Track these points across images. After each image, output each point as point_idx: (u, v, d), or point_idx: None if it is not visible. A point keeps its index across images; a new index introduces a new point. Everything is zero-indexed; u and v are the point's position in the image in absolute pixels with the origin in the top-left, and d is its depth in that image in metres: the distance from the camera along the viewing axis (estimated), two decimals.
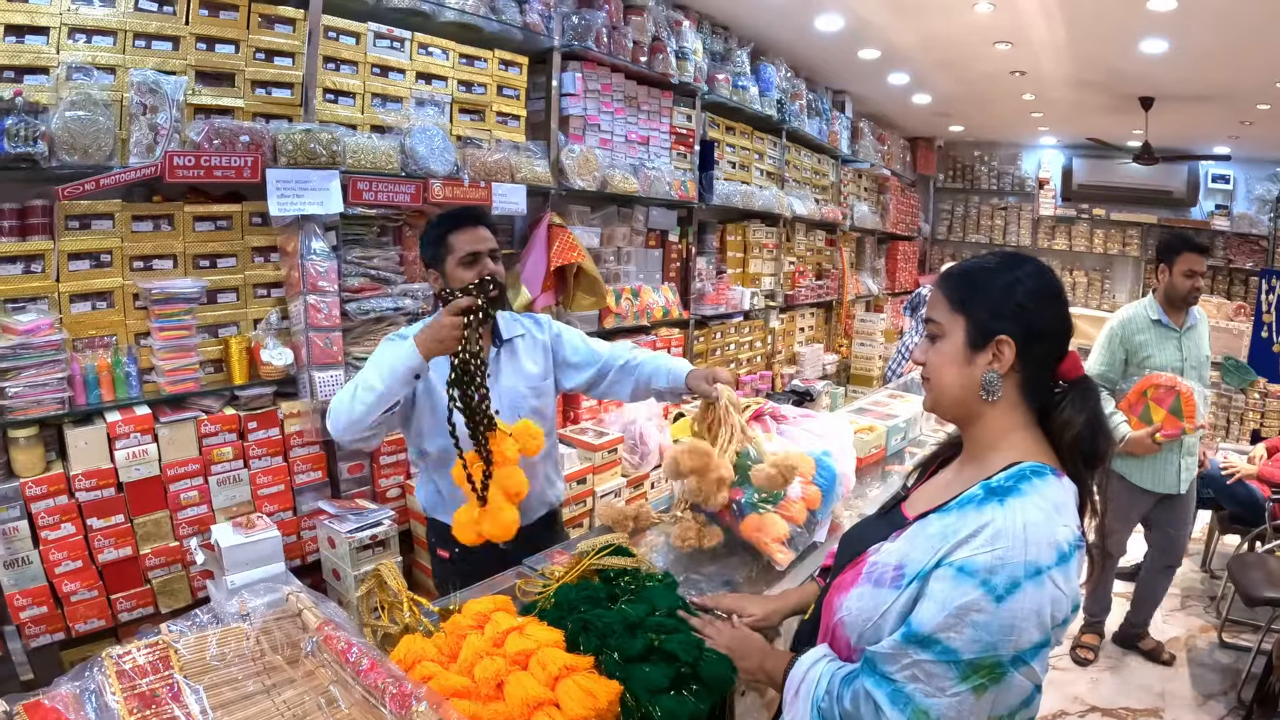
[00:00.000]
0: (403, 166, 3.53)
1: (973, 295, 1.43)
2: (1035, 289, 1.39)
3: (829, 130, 7.70)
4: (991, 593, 1.20)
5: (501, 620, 1.74)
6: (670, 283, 5.61)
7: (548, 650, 1.63)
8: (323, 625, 1.58)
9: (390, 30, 3.61)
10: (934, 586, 1.27)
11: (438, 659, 1.66)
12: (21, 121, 2.51)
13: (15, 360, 2.59)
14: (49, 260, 2.71)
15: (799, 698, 1.44)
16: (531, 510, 2.66)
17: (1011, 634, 1.20)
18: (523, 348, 2.72)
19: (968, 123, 10.03)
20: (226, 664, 1.52)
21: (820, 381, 7.22)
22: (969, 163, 11.73)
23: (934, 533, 1.32)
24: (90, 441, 2.78)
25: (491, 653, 1.63)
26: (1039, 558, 1.21)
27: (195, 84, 3.02)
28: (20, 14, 2.64)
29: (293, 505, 3.29)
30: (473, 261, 2.51)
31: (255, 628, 1.61)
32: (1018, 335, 1.37)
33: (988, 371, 1.39)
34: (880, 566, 1.38)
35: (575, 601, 1.84)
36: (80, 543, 2.75)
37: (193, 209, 3.04)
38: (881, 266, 10.04)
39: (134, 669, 1.44)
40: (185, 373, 2.98)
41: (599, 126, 4.71)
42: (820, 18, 5.84)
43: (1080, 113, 8.47)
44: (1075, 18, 5.49)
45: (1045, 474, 1.32)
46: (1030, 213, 11.35)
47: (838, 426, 2.72)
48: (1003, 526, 1.24)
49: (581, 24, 4.38)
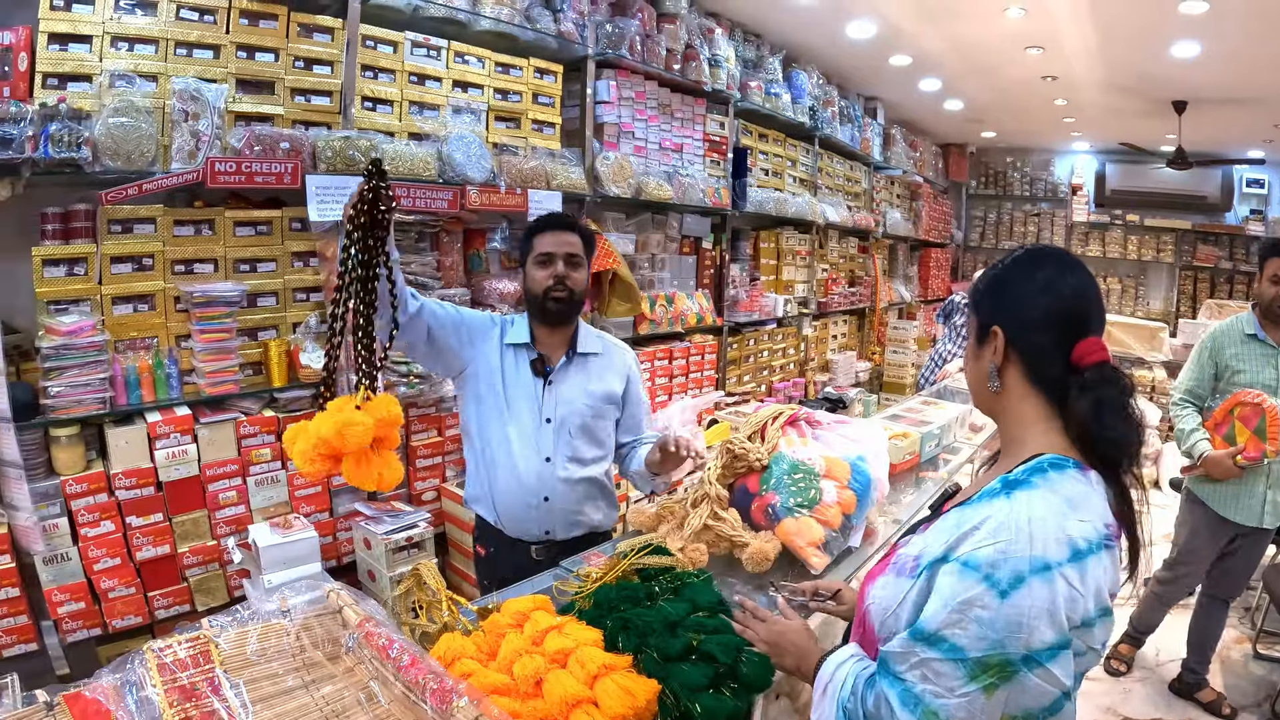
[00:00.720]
0: (440, 173, 3.49)
1: (979, 292, 1.45)
2: (1025, 280, 1.37)
3: (861, 137, 7.60)
4: (995, 588, 1.15)
5: (540, 619, 1.71)
6: (704, 289, 5.54)
7: (587, 649, 1.59)
8: (363, 622, 1.55)
9: (427, 39, 3.59)
10: (940, 581, 1.22)
11: (477, 657, 1.63)
12: (65, 127, 2.50)
13: (58, 360, 2.59)
14: (92, 263, 2.70)
15: (826, 696, 1.40)
16: (566, 528, 2.60)
17: (1019, 631, 1.13)
18: (596, 366, 2.64)
19: (1000, 128, 9.86)
20: (266, 659, 1.50)
21: (853, 389, 7.10)
22: (1001, 169, 11.53)
23: (950, 524, 1.28)
24: (131, 441, 2.76)
25: (530, 651, 1.60)
26: (1046, 553, 1.15)
27: (236, 91, 3.02)
28: (63, 22, 2.64)
29: (329, 506, 3.26)
30: (546, 262, 2.50)
31: (295, 624, 1.58)
32: (1006, 325, 1.36)
33: (990, 363, 1.39)
34: (903, 557, 1.35)
35: (615, 601, 1.80)
36: (119, 540, 2.74)
37: (233, 214, 3.03)
38: (914, 273, 9.86)
39: (175, 662, 1.41)
40: (225, 375, 2.96)
41: (633, 134, 4.66)
42: (852, 24, 5.77)
43: (1113, 117, 8.30)
44: (1107, 22, 5.38)
45: (1065, 467, 1.26)
46: (1063, 219, 11.12)
47: (872, 432, 2.64)
48: (1005, 519, 1.19)
49: (615, 32, 4.33)
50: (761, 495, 2.30)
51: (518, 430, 2.51)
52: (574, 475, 2.55)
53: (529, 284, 2.55)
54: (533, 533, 2.57)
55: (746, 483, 2.38)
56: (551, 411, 2.53)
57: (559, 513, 2.54)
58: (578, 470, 2.56)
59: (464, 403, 2.63)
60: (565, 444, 2.54)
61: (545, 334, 2.59)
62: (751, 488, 2.35)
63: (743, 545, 2.20)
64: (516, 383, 2.54)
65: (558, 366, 2.57)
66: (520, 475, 2.51)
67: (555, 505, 2.53)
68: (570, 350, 2.60)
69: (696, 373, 5.28)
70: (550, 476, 2.52)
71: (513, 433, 2.51)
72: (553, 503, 2.53)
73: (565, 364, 2.58)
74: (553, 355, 2.58)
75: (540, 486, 2.51)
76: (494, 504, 2.58)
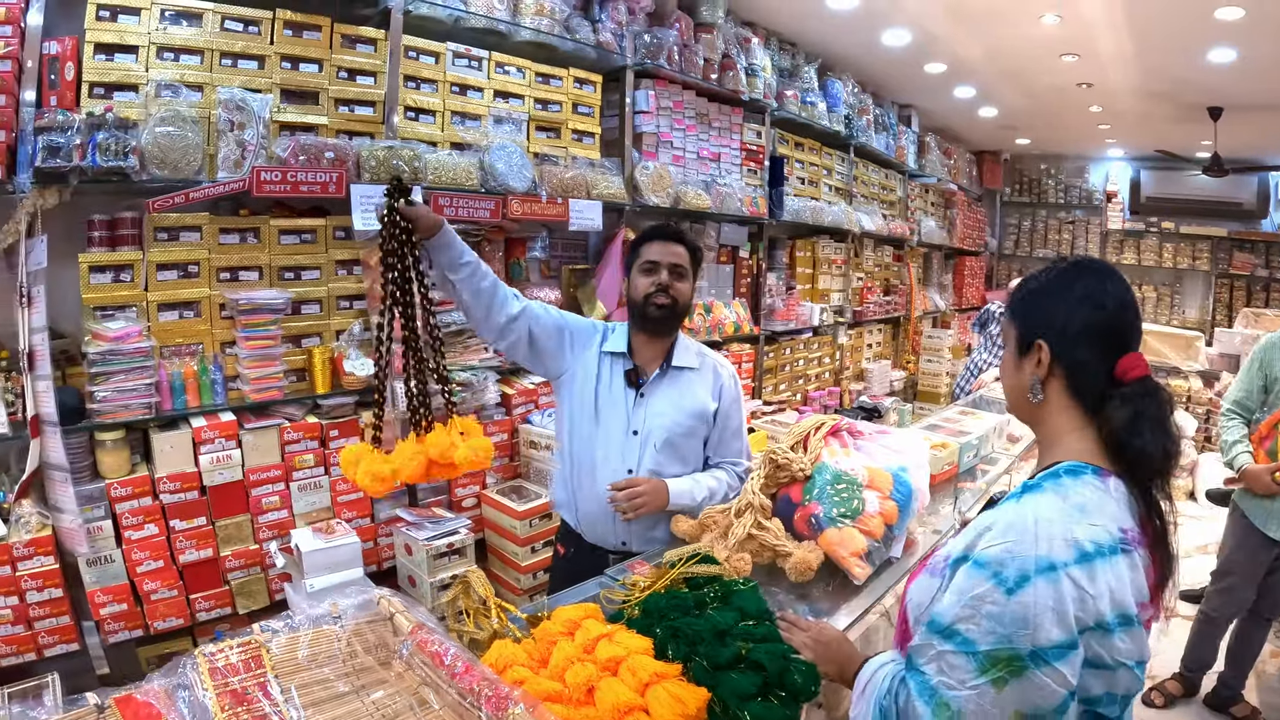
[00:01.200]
0: (482, 183, 3.45)
1: (1021, 303, 1.44)
2: (1071, 294, 1.37)
3: (896, 145, 7.47)
4: (1002, 585, 1.18)
5: (591, 627, 1.69)
6: (741, 298, 5.45)
7: (638, 657, 1.58)
8: (416, 629, 1.54)
9: (468, 50, 3.55)
10: (955, 579, 1.26)
11: (528, 664, 1.61)
12: (112, 136, 2.49)
13: (105, 366, 2.58)
14: (138, 270, 2.70)
15: (864, 696, 1.43)
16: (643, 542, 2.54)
17: (1025, 627, 1.15)
18: (689, 380, 2.55)
19: (1034, 135, 9.68)
20: (317, 664, 1.49)
21: (888, 398, 6.95)
22: (1035, 176, 11.31)
23: (973, 526, 1.31)
24: (175, 445, 2.74)
25: (582, 659, 1.59)
26: (1052, 553, 1.17)
27: (280, 101, 3.00)
28: (110, 33, 2.64)
29: (371, 512, 3.23)
30: (651, 269, 2.47)
31: (346, 630, 1.58)
32: (1051, 339, 1.36)
33: (1032, 375, 1.39)
34: (937, 558, 1.39)
35: (664, 609, 1.78)
36: (162, 543, 2.73)
37: (278, 222, 3.01)
38: (949, 282, 9.70)
39: (226, 666, 1.41)
40: (269, 381, 2.94)
41: (671, 143, 4.59)
42: (887, 32, 5.67)
43: (1148, 124, 8.13)
44: (1142, 28, 5.26)
45: (1081, 473, 1.28)
46: (1098, 226, 10.88)
47: (913, 443, 2.57)
48: (1013, 520, 1.23)
49: (653, 42, 4.26)
50: (804, 505, 2.26)
51: (605, 440, 2.48)
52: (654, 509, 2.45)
53: (631, 291, 2.50)
54: (609, 541, 2.53)
55: (789, 492, 2.33)
56: (640, 424, 2.48)
57: (636, 526, 2.48)
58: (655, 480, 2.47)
59: (559, 405, 2.62)
60: (649, 458, 2.47)
61: (643, 343, 2.53)
62: (794, 497, 2.30)
63: (786, 555, 2.16)
64: (610, 392, 2.50)
65: (651, 378, 2.51)
66: (601, 485, 2.45)
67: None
68: (665, 363, 2.53)
69: None
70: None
71: (600, 441, 2.48)
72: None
73: (659, 376, 2.52)
74: (648, 367, 2.53)
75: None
76: (576, 509, 2.57)
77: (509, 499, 3.40)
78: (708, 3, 4.78)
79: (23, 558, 2.43)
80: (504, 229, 3.74)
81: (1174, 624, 4.55)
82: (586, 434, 2.49)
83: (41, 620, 2.48)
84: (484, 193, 3.42)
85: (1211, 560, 3.91)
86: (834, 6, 5.12)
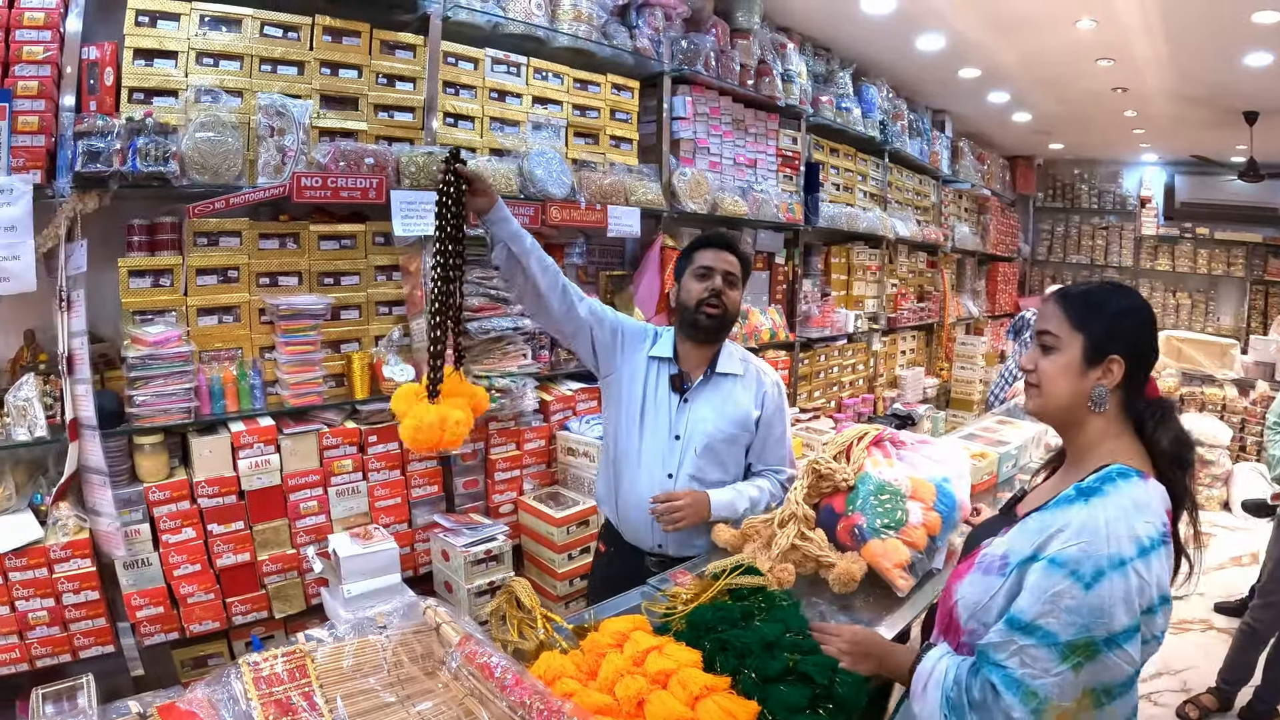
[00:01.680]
0: (521, 189, 3.37)
1: (1092, 317, 1.50)
2: (1145, 319, 1.51)
3: (930, 150, 7.30)
4: (1080, 581, 1.29)
5: (641, 639, 1.69)
6: (776, 305, 5.33)
7: (688, 670, 1.58)
8: (464, 640, 1.53)
9: (507, 56, 3.48)
10: (1030, 579, 1.35)
11: (577, 676, 1.61)
12: (152, 141, 2.44)
13: (144, 370, 2.54)
14: (178, 275, 2.65)
15: (928, 689, 1.48)
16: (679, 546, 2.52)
17: (1102, 617, 1.28)
18: (733, 387, 2.53)
19: (1067, 140, 9.45)
20: (363, 674, 1.48)
21: (921, 405, 6.80)
22: (1069, 181, 11.03)
23: (1032, 528, 1.42)
24: (214, 450, 2.70)
25: (632, 671, 1.58)
26: (1121, 550, 1.30)
27: (320, 107, 2.94)
28: (149, 39, 2.60)
29: (408, 518, 3.16)
30: (704, 275, 2.46)
31: (392, 640, 1.57)
32: (1128, 357, 1.47)
33: (1098, 386, 1.48)
34: (990, 557, 1.47)
35: (711, 622, 1.78)
36: (200, 547, 2.69)
37: (318, 228, 2.95)
38: (982, 288, 9.46)
39: (271, 676, 1.41)
40: (308, 386, 2.88)
41: (708, 149, 4.49)
42: (921, 37, 5.54)
43: (1183, 128, 7.92)
44: (1178, 32, 5.09)
45: (1131, 476, 1.40)
46: (1132, 232, 10.58)
47: (955, 453, 2.58)
48: (1086, 522, 1.33)
49: (690, 48, 4.16)
50: (847, 515, 2.24)
51: (647, 442, 2.50)
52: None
53: (683, 296, 2.50)
54: (646, 543, 2.54)
55: (832, 503, 2.30)
56: (682, 429, 2.48)
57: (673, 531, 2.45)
58: (698, 489, 2.44)
59: (605, 404, 2.66)
60: (690, 462, 2.47)
61: (689, 350, 2.53)
62: (837, 508, 2.28)
63: (829, 565, 2.14)
64: (655, 395, 2.52)
65: (695, 384, 2.51)
66: (641, 486, 2.48)
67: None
68: (710, 369, 2.52)
69: None
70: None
71: (642, 443, 2.50)
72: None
73: (703, 383, 2.51)
74: (693, 373, 2.52)
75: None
76: (616, 508, 2.59)
77: (546, 505, 3.31)
78: (744, 8, 4.66)
79: (60, 560, 2.40)
80: (542, 235, 3.63)
81: (1208, 637, 4.42)
82: (630, 435, 2.51)
83: (77, 622, 2.45)
84: (523, 199, 3.34)
85: (1246, 572, 3.77)
86: (869, 12, 5.00)
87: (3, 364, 2.58)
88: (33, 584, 2.37)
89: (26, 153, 2.32)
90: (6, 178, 2.27)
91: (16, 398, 2.40)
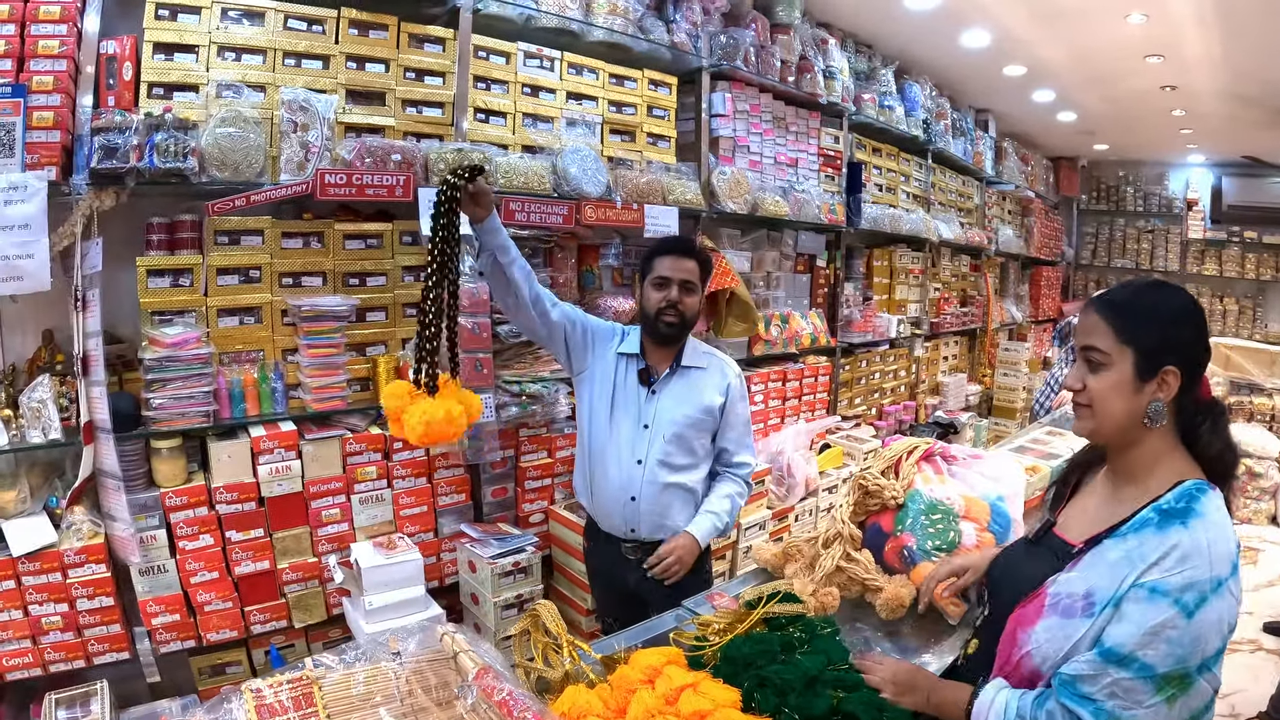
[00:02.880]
0: (554, 187, 3.23)
1: (1141, 327, 1.38)
2: (1195, 319, 1.39)
3: (974, 151, 7.03)
4: (1184, 610, 1.21)
5: (674, 675, 1.53)
6: (818, 309, 5.13)
7: (725, 712, 1.42)
8: (482, 673, 1.41)
9: (540, 50, 3.35)
10: (1128, 609, 1.26)
11: (604, 716, 1.48)
12: (171, 137, 2.36)
13: (162, 372, 2.47)
14: (197, 274, 2.57)
15: None
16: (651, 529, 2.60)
17: (1200, 645, 1.21)
18: (698, 379, 2.62)
19: (1113, 140, 9.08)
20: (372, 705, 1.39)
21: (964, 413, 6.56)
22: (1113, 183, 10.60)
23: (1116, 559, 1.31)
24: (233, 455, 2.62)
25: (664, 711, 1.44)
26: (1220, 572, 1.23)
27: (346, 102, 2.83)
28: (169, 32, 2.52)
29: (434, 527, 3.06)
30: (662, 285, 2.52)
31: (405, 668, 1.48)
32: (1184, 366, 1.36)
33: (1154, 400, 1.36)
34: (1066, 597, 1.35)
35: (749, 656, 1.64)
36: (218, 554, 2.61)
37: (343, 227, 2.85)
38: (1025, 293, 9.15)
39: (275, 704, 1.33)
40: (332, 390, 2.78)
41: (748, 148, 4.31)
42: (966, 33, 5.30)
43: (1233, 128, 7.55)
44: (1232, 28, 4.82)
45: (1207, 490, 1.32)
46: (1178, 236, 10.16)
47: (1010, 468, 2.41)
48: (1190, 548, 1.24)
49: (730, 43, 4.00)
50: (896, 536, 2.12)
51: (618, 432, 2.57)
52: (662, 480, 2.55)
53: (644, 303, 2.58)
54: (620, 529, 2.61)
55: (880, 521, 2.18)
56: (650, 418, 2.56)
57: (645, 514, 2.56)
58: (666, 475, 2.55)
59: (579, 400, 2.71)
60: (658, 449, 2.55)
61: (653, 347, 2.62)
62: (885, 527, 2.16)
63: (876, 590, 2.03)
64: (625, 388, 2.60)
65: (662, 377, 2.60)
66: (612, 474, 2.57)
67: (641, 506, 2.55)
68: (675, 363, 2.61)
69: (809, 395, 4.88)
70: (639, 478, 2.55)
71: (613, 433, 2.58)
72: (639, 503, 2.55)
73: (669, 375, 2.60)
74: (659, 367, 2.61)
75: (629, 486, 2.55)
76: (591, 496, 2.67)
77: (577, 515, 3.16)
78: (784, 3, 4.48)
79: (74, 564, 2.35)
80: (577, 235, 3.51)
81: (1258, 658, 4.24)
82: (602, 427, 2.60)
83: (92, 628, 2.40)
84: (556, 197, 3.20)
85: None
86: (912, 7, 4.79)
87: (20, 364, 2.51)
88: (46, 588, 2.33)
89: (42, 149, 2.25)
90: (21, 174, 2.20)
91: (31, 399, 2.34)
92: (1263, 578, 5.24)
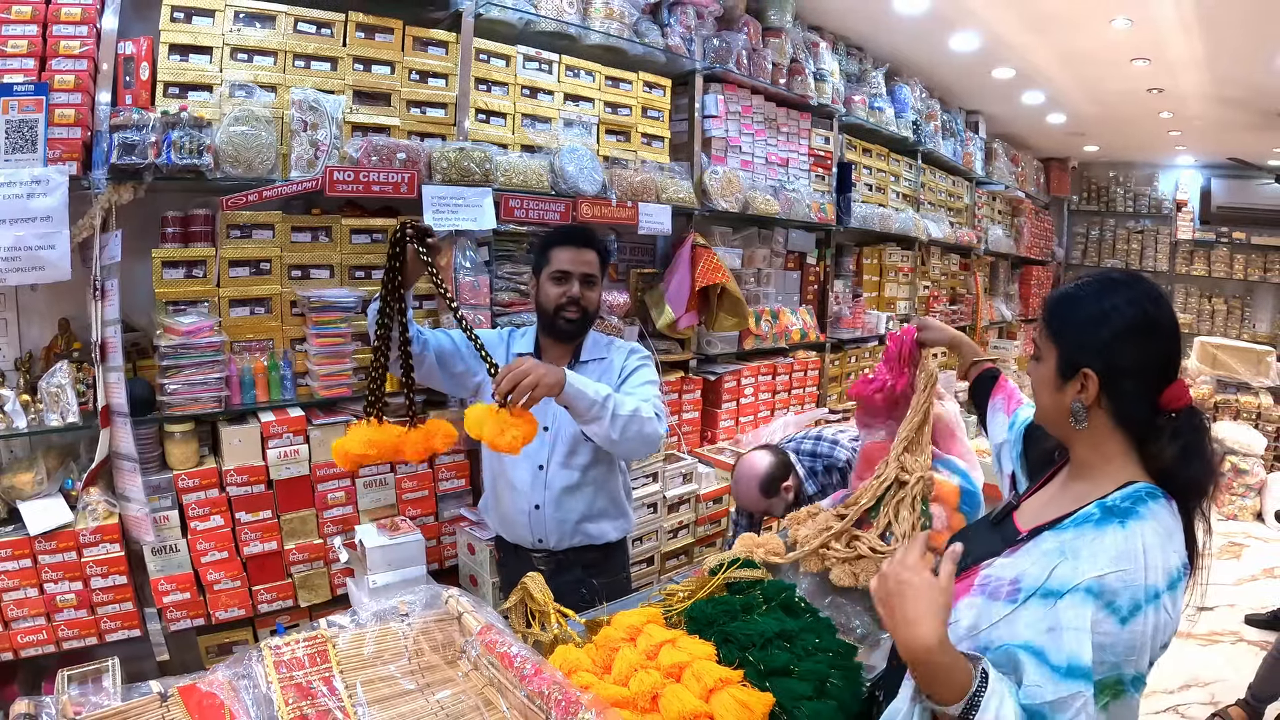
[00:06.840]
0: (552, 185, 3.32)
1: (1064, 325, 1.34)
2: (1124, 324, 1.27)
3: (963, 151, 7.14)
4: (1115, 614, 1.14)
5: (654, 633, 1.65)
6: (808, 305, 5.23)
7: (702, 663, 1.53)
8: (485, 630, 1.52)
9: (539, 53, 3.43)
10: (1061, 613, 1.16)
11: (592, 669, 1.58)
12: (187, 135, 2.43)
13: (176, 359, 2.52)
14: (210, 266, 2.63)
15: None
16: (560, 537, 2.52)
17: (1133, 654, 1.14)
18: (597, 372, 2.50)
19: (1103, 142, 9.19)
20: (383, 661, 1.48)
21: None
22: (1104, 184, 10.71)
23: (1050, 549, 1.25)
24: (244, 439, 2.67)
25: (645, 665, 1.55)
26: (1156, 582, 1.15)
27: (353, 103, 2.91)
28: (185, 34, 2.59)
29: (435, 510, 3.12)
30: (561, 279, 2.44)
31: (413, 628, 1.56)
32: (1100, 371, 1.27)
33: (1075, 400, 1.30)
34: (995, 580, 1.30)
35: (712, 616, 1.74)
36: (227, 535, 2.67)
37: (350, 222, 2.92)
38: (1015, 292, 9.25)
39: (292, 660, 1.40)
40: (338, 378, 2.85)
41: (740, 148, 4.39)
42: (955, 37, 5.40)
43: (1219, 131, 7.66)
44: (1215, 33, 4.91)
45: (1159, 497, 1.24)
46: (1168, 236, 10.28)
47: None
48: (1125, 549, 1.17)
49: (722, 46, 4.09)
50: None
51: None
52: (566, 484, 2.46)
53: (541, 298, 2.48)
54: (526, 539, 2.53)
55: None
56: (550, 420, 2.42)
57: (551, 521, 2.48)
58: (570, 479, 2.46)
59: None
60: (560, 452, 2.46)
61: (551, 344, 2.54)
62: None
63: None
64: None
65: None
66: (514, 482, 2.48)
67: (546, 513, 2.47)
68: (573, 360, 2.51)
69: (799, 389, 4.98)
70: (541, 485, 2.46)
71: None
72: (543, 511, 2.47)
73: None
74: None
75: (531, 494, 2.47)
76: (496, 510, 2.59)
77: None
78: (775, 7, 4.57)
79: (89, 544, 2.40)
80: None
81: (1239, 649, 4.35)
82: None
83: (104, 606, 2.46)
84: (554, 195, 3.29)
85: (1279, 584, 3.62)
86: (902, 11, 4.87)
87: (38, 351, 2.59)
88: (62, 567, 2.38)
89: (63, 144, 2.32)
90: (43, 169, 2.27)
91: (50, 384, 2.41)
92: (1246, 572, 5.37)
